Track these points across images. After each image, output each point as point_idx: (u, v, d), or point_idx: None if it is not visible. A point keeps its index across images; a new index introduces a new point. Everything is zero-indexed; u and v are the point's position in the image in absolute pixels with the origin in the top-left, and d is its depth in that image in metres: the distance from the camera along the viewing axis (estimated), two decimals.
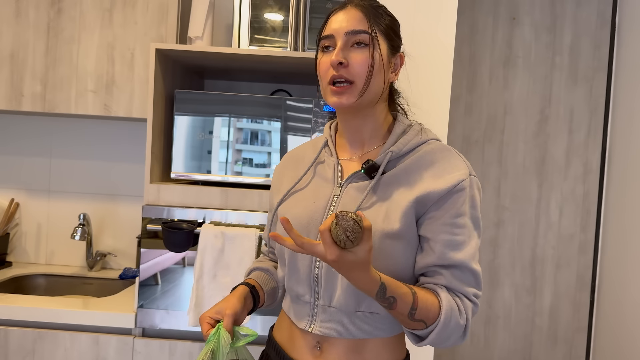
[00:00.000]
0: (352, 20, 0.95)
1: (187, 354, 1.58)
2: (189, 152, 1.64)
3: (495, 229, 2.39)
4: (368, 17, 0.95)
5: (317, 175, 1.05)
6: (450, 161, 0.96)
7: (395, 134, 1.00)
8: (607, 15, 2.32)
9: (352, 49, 0.95)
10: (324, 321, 0.97)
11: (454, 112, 2.37)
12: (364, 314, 0.96)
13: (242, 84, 2.10)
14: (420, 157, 0.97)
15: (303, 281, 0.99)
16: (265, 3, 1.72)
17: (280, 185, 1.11)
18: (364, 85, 0.94)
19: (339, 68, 0.93)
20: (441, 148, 0.98)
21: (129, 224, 2.12)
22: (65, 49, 1.82)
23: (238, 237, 1.53)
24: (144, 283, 1.58)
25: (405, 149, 0.98)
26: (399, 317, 0.89)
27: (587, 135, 2.35)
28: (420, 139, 1.00)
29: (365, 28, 0.95)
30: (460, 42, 2.35)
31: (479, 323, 2.41)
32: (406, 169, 0.96)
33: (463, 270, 0.92)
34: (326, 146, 1.07)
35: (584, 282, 2.36)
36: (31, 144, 2.14)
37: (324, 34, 0.98)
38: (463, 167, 0.95)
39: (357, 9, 0.96)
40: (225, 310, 0.99)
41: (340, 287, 0.94)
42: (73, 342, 1.59)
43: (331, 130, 1.09)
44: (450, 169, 0.94)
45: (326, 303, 0.97)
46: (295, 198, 1.04)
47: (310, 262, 0.98)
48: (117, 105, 1.82)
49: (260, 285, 1.11)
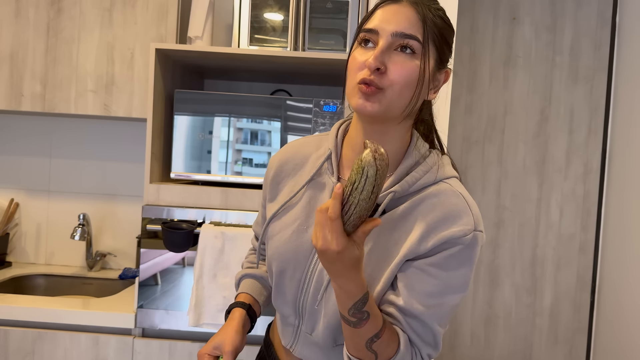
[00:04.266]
0: (404, 21, 0.80)
1: (186, 354, 1.58)
2: (188, 152, 1.64)
3: (495, 229, 2.38)
4: (424, 22, 0.81)
5: (312, 194, 0.94)
6: (454, 212, 0.82)
7: (404, 168, 0.86)
8: (607, 15, 2.32)
9: (395, 53, 0.80)
10: (305, 346, 0.95)
11: (454, 112, 2.37)
12: (342, 348, 0.89)
13: (242, 84, 2.09)
14: (423, 199, 0.84)
15: (289, 305, 0.95)
16: (265, 3, 1.72)
17: (277, 193, 1.00)
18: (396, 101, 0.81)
19: (374, 72, 0.79)
20: (449, 193, 0.84)
21: (129, 224, 2.12)
22: (65, 49, 1.82)
23: (238, 237, 1.53)
24: (144, 283, 1.57)
25: (410, 190, 0.85)
26: (356, 339, 0.79)
27: (587, 135, 2.34)
28: (430, 179, 0.86)
29: (417, 34, 0.80)
30: (460, 42, 2.35)
31: (479, 323, 2.41)
32: (407, 213, 0.84)
33: (424, 325, 0.83)
34: (329, 159, 0.93)
35: (584, 283, 2.36)
36: (31, 144, 2.14)
37: (367, 27, 0.83)
38: (467, 221, 0.82)
39: (412, 8, 0.81)
40: (225, 347, 0.95)
41: (322, 323, 0.89)
42: (73, 342, 1.59)
43: (338, 138, 0.95)
44: (450, 221, 0.82)
45: (308, 331, 0.94)
46: (289, 217, 0.95)
47: (297, 292, 0.93)
48: (117, 105, 1.82)
49: (255, 298, 1.07)
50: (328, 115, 1.62)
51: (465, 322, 2.41)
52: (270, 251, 0.97)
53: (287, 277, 0.93)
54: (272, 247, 0.96)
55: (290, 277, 0.93)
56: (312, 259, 0.91)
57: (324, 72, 1.76)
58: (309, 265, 0.91)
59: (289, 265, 0.92)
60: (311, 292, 0.90)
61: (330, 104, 1.62)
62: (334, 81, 1.91)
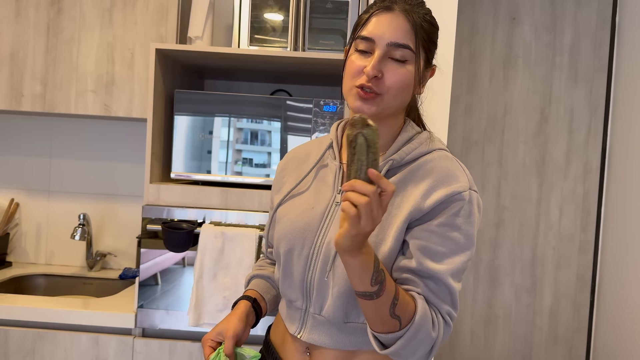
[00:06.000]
0: (398, 31, 0.89)
1: (187, 354, 1.58)
2: (189, 152, 1.64)
3: (495, 229, 2.39)
4: (415, 30, 0.89)
5: (319, 179, 1.02)
6: (450, 172, 0.91)
7: (400, 141, 0.96)
8: (607, 15, 2.32)
9: (390, 62, 0.89)
10: (313, 329, 0.96)
11: (454, 112, 2.37)
12: (353, 325, 0.93)
13: (242, 84, 2.10)
14: (419, 166, 0.93)
15: (296, 287, 0.98)
16: (265, 3, 1.72)
17: (281, 185, 1.08)
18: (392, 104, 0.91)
19: (372, 79, 0.88)
20: (443, 157, 0.94)
21: (129, 224, 2.12)
22: (65, 49, 1.82)
23: (238, 237, 1.53)
24: (144, 283, 1.58)
25: (407, 158, 0.94)
26: (381, 310, 0.82)
27: (587, 135, 2.35)
28: (424, 149, 0.95)
29: (410, 43, 0.89)
30: (460, 42, 2.35)
31: (479, 323, 2.41)
32: (405, 179, 0.92)
33: (438, 283, 0.87)
34: (331, 148, 1.03)
35: (584, 282, 2.36)
36: (31, 144, 2.14)
37: (363, 34, 0.91)
38: (463, 180, 0.90)
39: (404, 17, 0.89)
40: (227, 332, 0.99)
41: (331, 298, 0.92)
42: (73, 342, 1.59)
43: (338, 131, 1.05)
44: (449, 179, 0.90)
45: (316, 311, 0.95)
46: (295, 201, 1.02)
47: (304, 269, 0.96)
48: (117, 105, 1.82)
49: (261, 295, 1.09)
50: (328, 115, 1.62)
51: (465, 322, 2.41)
52: (278, 233, 1.01)
53: (295, 255, 0.97)
54: (280, 229, 1.01)
55: (298, 255, 0.96)
56: (319, 234, 0.95)
57: (324, 72, 1.76)
58: (316, 240, 0.95)
59: (296, 242, 0.97)
60: (319, 266, 0.94)
61: (330, 104, 1.62)
62: (334, 81, 1.91)
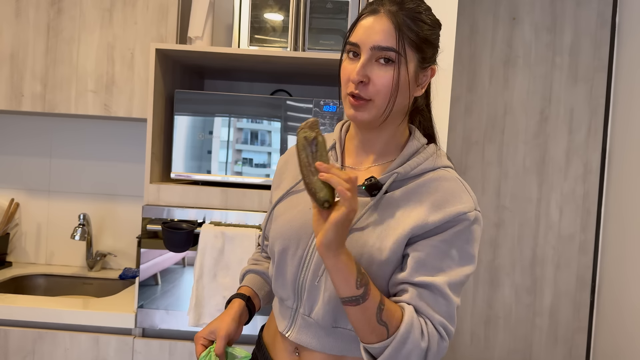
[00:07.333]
0: (380, 33, 0.87)
1: (187, 354, 1.58)
2: (189, 152, 1.64)
3: (495, 229, 2.39)
4: (398, 31, 0.87)
5: None
6: (455, 192, 0.90)
7: (406, 154, 0.95)
8: (607, 15, 2.32)
9: (376, 65, 0.88)
10: (301, 329, 0.96)
11: (454, 112, 2.37)
12: (341, 330, 0.93)
13: (242, 84, 2.10)
14: (424, 183, 0.92)
15: (288, 287, 0.97)
16: (265, 3, 1.72)
17: (280, 182, 1.08)
18: (385, 107, 0.89)
19: (358, 85, 0.88)
20: (449, 178, 0.93)
21: (129, 224, 2.12)
22: (65, 49, 1.82)
23: (238, 237, 1.53)
24: (144, 283, 1.58)
25: (412, 173, 0.93)
26: (367, 316, 0.81)
27: (587, 135, 2.35)
28: (430, 165, 0.94)
29: (393, 45, 0.87)
30: (460, 42, 2.35)
31: (479, 323, 2.41)
32: (408, 194, 0.91)
33: (435, 292, 0.85)
34: (333, 149, 1.02)
35: (584, 282, 2.36)
36: (31, 144, 2.14)
37: (351, 40, 0.91)
38: (468, 200, 0.90)
39: (388, 19, 0.88)
40: (219, 332, 0.99)
41: (321, 302, 0.92)
42: (73, 342, 1.59)
43: (342, 131, 1.04)
44: (453, 199, 0.89)
45: (306, 313, 0.95)
46: (293, 200, 1.01)
47: (297, 270, 0.95)
48: (117, 105, 1.82)
49: (255, 292, 1.10)
50: (328, 115, 1.62)
51: (465, 322, 2.41)
52: (274, 232, 1.00)
53: (289, 255, 0.97)
54: (276, 227, 1.00)
55: (292, 255, 0.96)
56: (314, 236, 0.94)
57: (324, 72, 1.76)
58: (311, 242, 0.95)
59: (291, 242, 0.96)
60: (312, 269, 0.93)
61: (330, 104, 1.62)
62: (334, 81, 1.91)
